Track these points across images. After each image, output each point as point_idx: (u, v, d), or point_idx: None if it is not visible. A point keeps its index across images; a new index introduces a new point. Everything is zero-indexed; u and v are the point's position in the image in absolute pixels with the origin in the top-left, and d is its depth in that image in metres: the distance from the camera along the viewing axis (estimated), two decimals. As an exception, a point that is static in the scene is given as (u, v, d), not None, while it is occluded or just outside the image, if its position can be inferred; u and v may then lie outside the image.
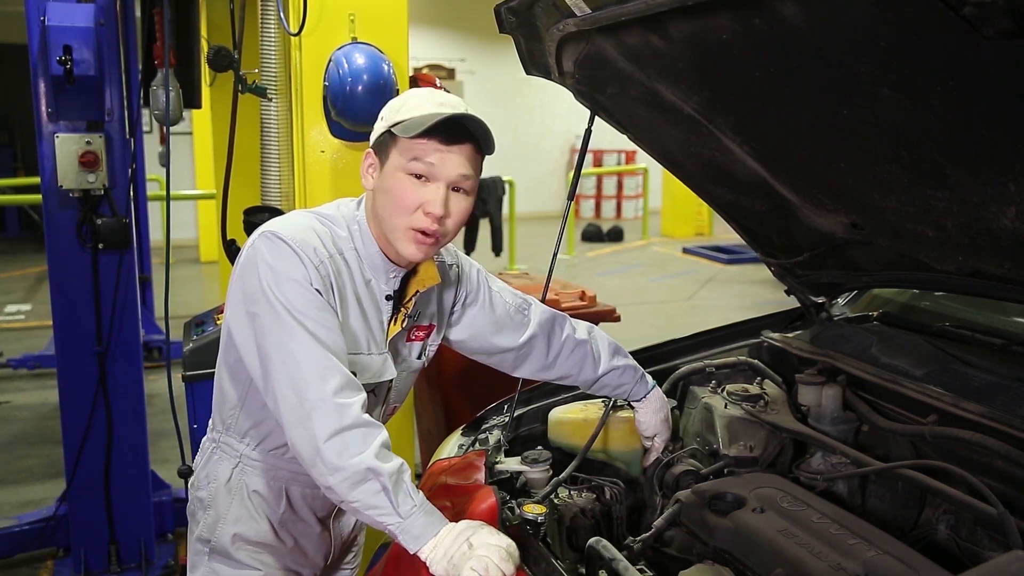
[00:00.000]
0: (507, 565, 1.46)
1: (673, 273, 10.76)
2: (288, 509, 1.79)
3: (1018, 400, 1.66)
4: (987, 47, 1.08)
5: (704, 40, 1.48)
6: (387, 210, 1.63)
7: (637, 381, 2.05)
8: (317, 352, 1.52)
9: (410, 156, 1.59)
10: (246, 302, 1.58)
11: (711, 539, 1.62)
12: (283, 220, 1.65)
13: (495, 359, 2.00)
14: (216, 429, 1.82)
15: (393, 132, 1.60)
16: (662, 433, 2.05)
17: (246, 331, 1.59)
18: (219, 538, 1.78)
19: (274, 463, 1.76)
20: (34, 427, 5.26)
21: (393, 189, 1.61)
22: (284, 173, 2.94)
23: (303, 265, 1.56)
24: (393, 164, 1.61)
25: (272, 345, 1.54)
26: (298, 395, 1.50)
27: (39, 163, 3.18)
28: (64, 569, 3.55)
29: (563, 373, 2.02)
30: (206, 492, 1.81)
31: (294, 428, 1.52)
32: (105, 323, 3.32)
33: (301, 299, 1.54)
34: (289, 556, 1.82)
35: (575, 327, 2.02)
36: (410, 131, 1.56)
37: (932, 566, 1.41)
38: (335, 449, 1.48)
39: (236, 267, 1.64)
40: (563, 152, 16.52)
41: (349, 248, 1.68)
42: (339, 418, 1.49)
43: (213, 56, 2.87)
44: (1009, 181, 1.34)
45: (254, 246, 1.60)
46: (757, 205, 2.09)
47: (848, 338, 2.15)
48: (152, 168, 6.49)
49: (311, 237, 1.60)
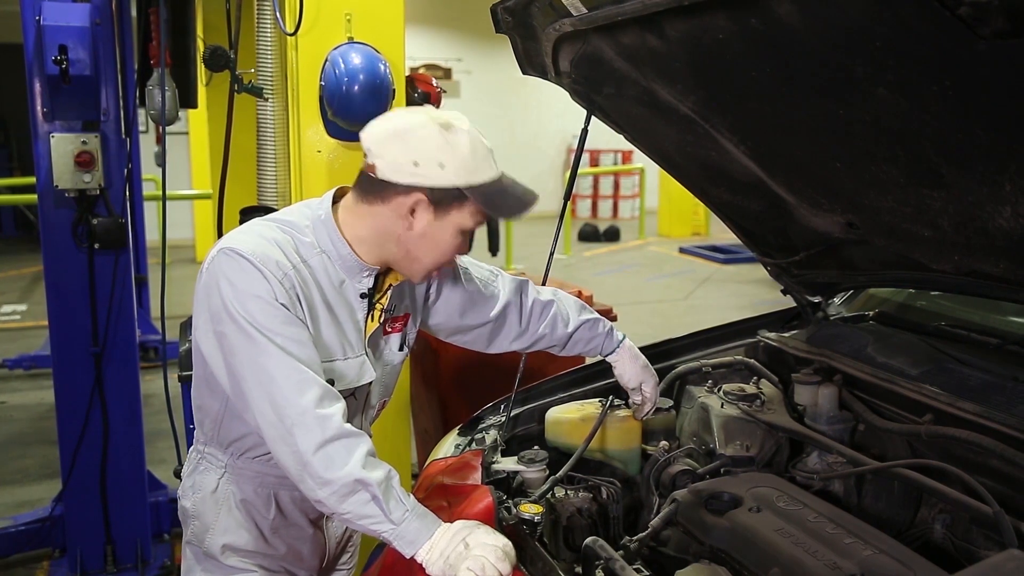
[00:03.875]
0: (503, 565, 1.46)
1: (670, 273, 10.76)
2: (278, 514, 1.78)
3: (1014, 399, 1.67)
4: (983, 47, 1.08)
5: (700, 40, 1.48)
6: (428, 257, 1.64)
7: (607, 334, 2.07)
8: (290, 366, 1.50)
9: (476, 220, 1.62)
10: (212, 321, 1.55)
11: (708, 538, 1.62)
12: (242, 234, 1.60)
13: (472, 335, 2.00)
14: (200, 440, 1.80)
15: (466, 194, 1.58)
16: (647, 380, 2.06)
17: (215, 350, 1.56)
18: (208, 547, 1.76)
19: (260, 469, 1.74)
20: (30, 427, 5.25)
21: (444, 243, 1.63)
22: (280, 173, 2.93)
23: (266, 280, 1.52)
24: (455, 221, 1.61)
25: (243, 364, 1.51)
26: (277, 412, 1.49)
27: (35, 163, 3.17)
28: (60, 569, 3.55)
29: (537, 336, 2.02)
30: (191, 502, 1.78)
31: (277, 444, 1.51)
32: (101, 323, 3.31)
33: (266, 315, 1.51)
34: (283, 560, 1.81)
35: (539, 291, 2.05)
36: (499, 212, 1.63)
37: (928, 565, 1.42)
38: (321, 463, 1.47)
39: (198, 284, 1.60)
40: (559, 152, 16.51)
41: (315, 254, 1.64)
42: (321, 431, 1.48)
43: (209, 56, 2.86)
44: (1005, 181, 1.35)
45: (214, 263, 1.56)
46: (753, 205, 2.10)
47: (844, 338, 2.15)
48: (148, 168, 6.49)
49: (272, 250, 1.56)
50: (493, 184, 1.59)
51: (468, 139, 1.58)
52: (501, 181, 1.61)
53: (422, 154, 1.55)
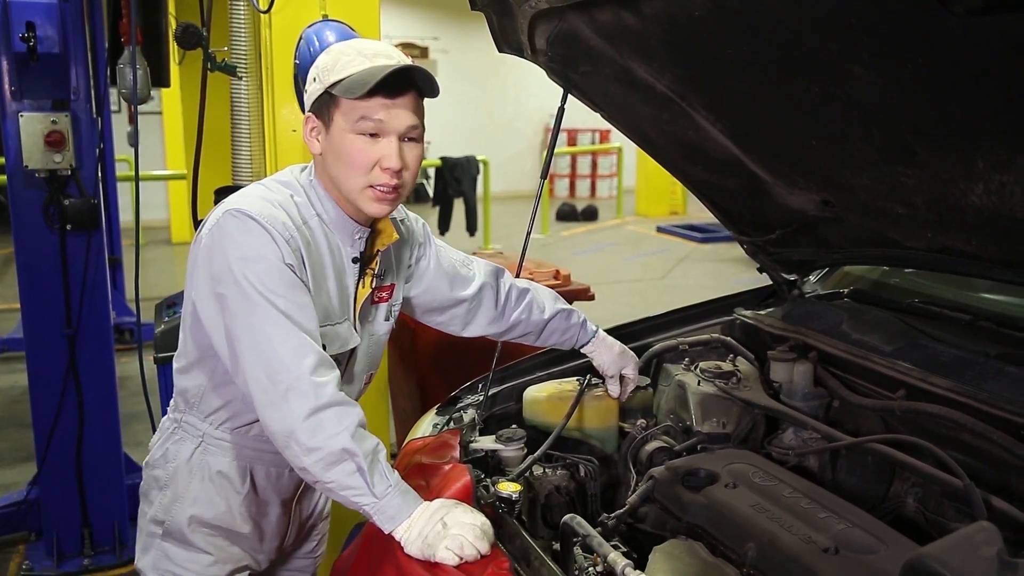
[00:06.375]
0: (482, 543, 1.47)
1: (647, 252, 10.79)
2: (251, 490, 1.77)
3: (985, 375, 1.69)
4: (955, 24, 1.09)
5: (676, 17, 1.48)
6: (343, 172, 1.60)
7: (582, 325, 2.09)
8: (289, 331, 1.50)
9: (357, 116, 1.56)
10: (213, 283, 1.55)
11: (684, 515, 1.64)
12: (247, 195, 1.61)
13: (447, 315, 2.00)
14: (178, 409, 1.78)
15: (333, 93, 1.56)
16: (627, 364, 2.09)
17: (214, 313, 1.56)
18: (175, 518, 1.74)
19: (239, 442, 1.74)
20: (3, 411, 5.19)
21: (346, 151, 1.58)
22: (255, 153, 2.90)
23: (274, 242, 1.53)
24: (340, 126, 1.58)
25: (242, 327, 1.51)
26: (271, 376, 1.49)
27: (3, 143, 3.12)
28: (36, 553, 3.52)
29: (514, 321, 2.03)
30: (163, 471, 1.76)
31: (267, 409, 1.50)
32: (74, 305, 3.28)
33: (272, 278, 1.52)
34: (245, 541, 1.79)
35: (515, 281, 2.07)
36: (353, 92, 1.53)
37: (900, 538, 1.44)
38: (310, 429, 1.47)
39: (198, 247, 1.60)
40: (537, 131, 16.47)
41: (312, 215, 1.65)
42: (315, 397, 1.47)
43: (181, 33, 2.82)
44: (977, 158, 1.36)
45: (220, 225, 1.56)
46: (729, 183, 2.10)
47: (819, 315, 2.17)
48: (121, 148, 6.40)
49: (277, 212, 1.57)
50: (358, 73, 1.54)
51: (339, 47, 1.60)
52: (371, 69, 1.54)
53: (307, 83, 1.63)
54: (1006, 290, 2.02)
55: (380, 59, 1.56)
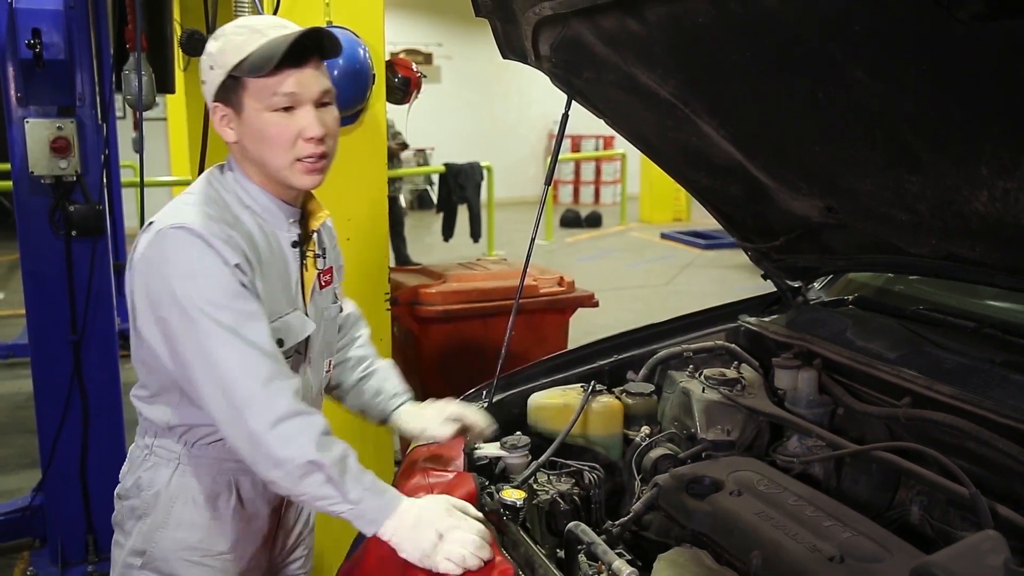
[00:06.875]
0: (483, 551, 1.47)
1: (651, 258, 10.79)
2: (238, 504, 1.71)
3: (990, 382, 1.68)
4: (960, 30, 1.08)
5: (680, 23, 1.48)
6: (267, 152, 1.56)
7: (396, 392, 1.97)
8: (236, 347, 1.46)
9: (269, 94, 1.52)
10: (153, 307, 1.51)
11: (689, 522, 1.63)
12: (171, 211, 1.56)
13: None
14: (148, 435, 1.71)
15: (236, 76, 1.53)
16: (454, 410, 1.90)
17: (157, 336, 1.52)
18: (158, 545, 1.67)
19: (218, 456, 1.67)
20: (8, 417, 5.20)
21: (264, 131, 1.54)
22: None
23: (212, 249, 1.48)
24: (252, 108, 1.54)
25: (189, 349, 1.48)
26: (226, 395, 1.46)
27: (9, 149, 3.13)
28: (41, 560, 3.52)
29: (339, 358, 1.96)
30: (139, 500, 1.69)
31: (228, 427, 1.48)
32: (79, 311, 3.29)
33: (213, 292, 1.48)
34: (232, 563, 1.72)
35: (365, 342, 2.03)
36: (260, 69, 1.50)
37: (906, 546, 1.43)
38: (274, 443, 1.44)
39: (133, 270, 1.56)
40: (541, 137, 16.49)
41: (242, 209, 1.61)
42: (272, 410, 1.45)
43: (186, 40, 2.83)
44: (981, 164, 1.35)
45: (154, 244, 1.51)
46: (733, 189, 2.10)
47: (824, 322, 2.16)
48: (126, 154, 6.42)
49: (209, 221, 1.52)
50: (258, 50, 1.51)
51: (225, 29, 1.57)
52: (271, 43, 1.50)
53: (202, 73, 1.59)
54: (1011, 297, 2.01)
55: (275, 31, 1.53)
